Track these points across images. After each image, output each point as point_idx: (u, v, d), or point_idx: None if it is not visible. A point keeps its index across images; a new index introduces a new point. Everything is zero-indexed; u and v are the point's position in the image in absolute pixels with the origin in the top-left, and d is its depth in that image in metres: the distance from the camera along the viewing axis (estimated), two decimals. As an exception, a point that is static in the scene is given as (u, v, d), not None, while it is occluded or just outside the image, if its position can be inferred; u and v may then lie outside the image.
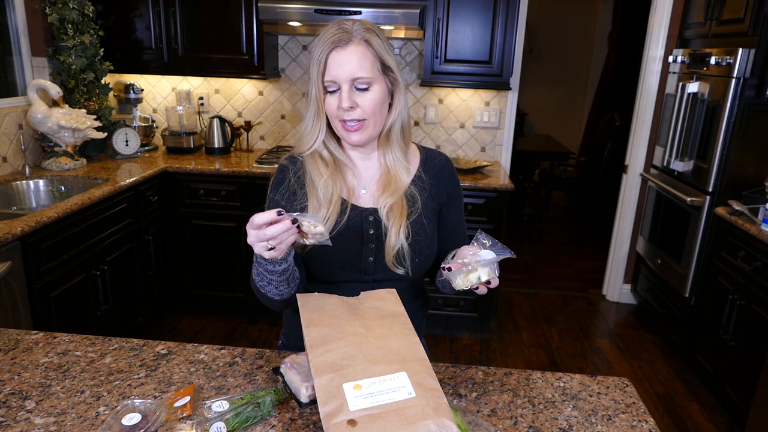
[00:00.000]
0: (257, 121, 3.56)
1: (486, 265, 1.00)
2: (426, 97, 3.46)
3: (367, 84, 1.11)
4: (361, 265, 1.20)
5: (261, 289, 1.12)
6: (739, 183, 2.66)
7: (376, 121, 1.15)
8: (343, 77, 1.10)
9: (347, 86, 1.10)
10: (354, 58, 1.10)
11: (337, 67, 1.10)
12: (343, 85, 1.10)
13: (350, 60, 1.09)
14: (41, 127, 2.71)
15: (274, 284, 1.08)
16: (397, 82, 1.17)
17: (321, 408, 0.83)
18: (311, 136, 1.17)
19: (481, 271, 1.00)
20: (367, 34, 1.12)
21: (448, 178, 1.28)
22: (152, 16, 3.07)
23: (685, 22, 3.21)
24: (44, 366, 1.11)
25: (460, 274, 1.01)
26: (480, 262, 1.00)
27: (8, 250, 1.91)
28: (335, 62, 1.10)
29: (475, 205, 2.94)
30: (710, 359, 2.67)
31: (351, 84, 1.10)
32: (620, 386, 1.12)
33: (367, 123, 1.14)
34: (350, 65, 1.09)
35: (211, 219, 3.06)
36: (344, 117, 1.12)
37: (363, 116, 1.13)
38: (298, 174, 1.22)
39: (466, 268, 1.00)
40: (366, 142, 1.18)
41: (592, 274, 4.16)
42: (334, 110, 1.13)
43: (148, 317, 2.97)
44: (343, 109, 1.11)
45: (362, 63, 1.10)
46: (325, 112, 1.15)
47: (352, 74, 1.10)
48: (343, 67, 1.10)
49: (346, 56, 1.10)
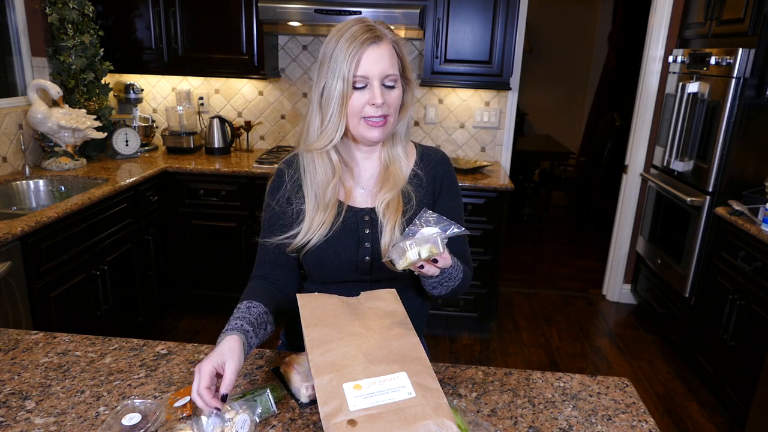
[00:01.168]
0: (257, 121, 3.56)
1: (425, 241, 0.96)
2: (426, 97, 3.46)
3: (394, 82, 1.14)
4: (358, 265, 1.20)
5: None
6: (739, 183, 2.66)
7: (395, 119, 1.18)
8: (376, 73, 1.11)
9: (378, 82, 1.12)
10: (387, 55, 1.12)
11: (372, 64, 1.11)
12: (374, 81, 1.12)
13: (383, 57, 1.11)
14: (41, 127, 2.71)
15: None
16: (410, 84, 1.20)
17: (321, 408, 0.83)
18: (331, 133, 1.15)
19: (420, 248, 0.96)
20: (395, 35, 1.16)
21: (443, 172, 1.28)
22: (152, 16, 3.07)
23: (685, 22, 3.21)
24: (44, 366, 1.11)
25: (397, 253, 0.97)
26: (417, 239, 0.96)
27: (8, 250, 1.91)
28: (370, 58, 1.11)
29: (475, 205, 2.94)
30: (710, 359, 2.67)
31: (381, 81, 1.12)
32: (620, 386, 1.12)
33: (389, 120, 1.16)
34: (384, 62, 1.11)
35: (211, 219, 3.05)
36: (372, 113, 1.13)
37: (387, 112, 1.15)
38: (294, 177, 1.22)
39: (402, 245, 0.96)
40: (382, 140, 1.20)
41: (592, 274, 4.16)
42: (360, 106, 1.13)
43: (148, 317, 2.97)
44: (375, 105, 1.12)
45: (393, 61, 1.13)
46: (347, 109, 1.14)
47: (384, 71, 1.12)
48: (377, 63, 1.11)
49: (380, 53, 1.11)
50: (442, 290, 1.17)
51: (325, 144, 1.16)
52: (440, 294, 1.19)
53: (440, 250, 0.97)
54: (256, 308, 1.08)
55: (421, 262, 0.98)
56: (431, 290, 1.18)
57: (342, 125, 1.15)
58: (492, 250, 3.01)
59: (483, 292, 3.09)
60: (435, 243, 0.97)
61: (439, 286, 1.15)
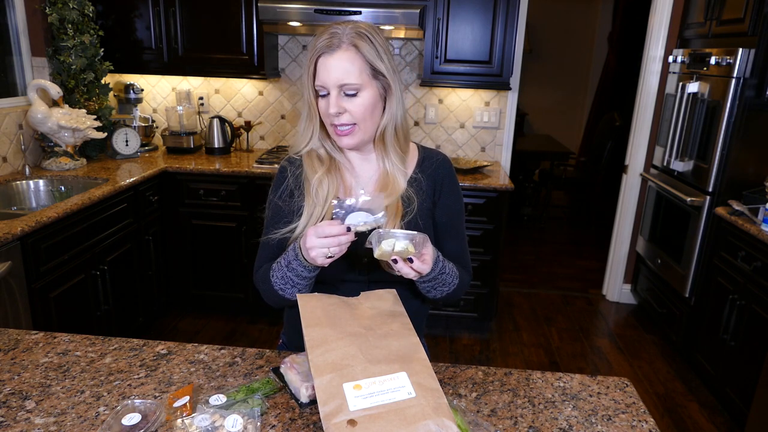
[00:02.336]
0: (257, 121, 3.56)
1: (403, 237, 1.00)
2: (426, 97, 3.46)
3: (355, 90, 1.11)
4: (356, 265, 1.21)
5: (279, 291, 1.14)
6: (739, 183, 2.66)
7: (366, 125, 1.16)
8: (331, 83, 1.11)
9: (335, 92, 1.11)
10: (341, 64, 1.10)
11: (325, 73, 1.11)
12: (332, 90, 1.11)
13: (337, 66, 1.10)
14: (41, 127, 2.71)
15: (298, 287, 1.12)
16: (390, 87, 1.16)
17: (321, 408, 0.83)
18: (305, 137, 1.21)
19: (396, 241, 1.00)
20: (357, 39, 1.10)
21: (444, 175, 1.27)
22: (152, 16, 3.07)
23: (685, 22, 3.20)
24: (44, 366, 1.11)
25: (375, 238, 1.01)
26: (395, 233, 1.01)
27: (8, 250, 1.91)
28: (323, 68, 1.11)
29: (475, 205, 2.94)
30: (710, 359, 2.67)
31: (339, 90, 1.11)
32: (620, 386, 1.12)
33: (357, 128, 1.15)
34: (337, 72, 1.10)
35: (211, 219, 3.05)
36: (334, 122, 1.14)
37: (352, 121, 1.14)
38: (296, 174, 1.23)
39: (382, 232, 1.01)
40: (358, 146, 1.20)
41: (592, 274, 4.16)
42: (325, 114, 1.15)
43: (148, 317, 2.97)
44: (331, 114, 1.13)
45: (349, 69, 1.10)
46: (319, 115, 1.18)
47: (339, 80, 1.10)
48: (330, 73, 1.10)
49: (334, 62, 1.10)
50: (436, 294, 1.18)
51: (300, 148, 1.22)
52: (435, 297, 1.20)
53: (417, 251, 1.01)
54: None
55: (395, 256, 1.01)
56: (425, 293, 1.19)
57: (315, 130, 1.19)
58: (492, 250, 3.01)
59: (483, 292, 3.09)
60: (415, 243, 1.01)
61: (433, 290, 1.16)
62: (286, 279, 1.11)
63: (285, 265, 1.10)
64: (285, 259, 1.11)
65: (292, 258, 1.08)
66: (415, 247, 1.01)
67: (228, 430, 0.90)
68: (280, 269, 1.12)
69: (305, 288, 1.12)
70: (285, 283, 1.12)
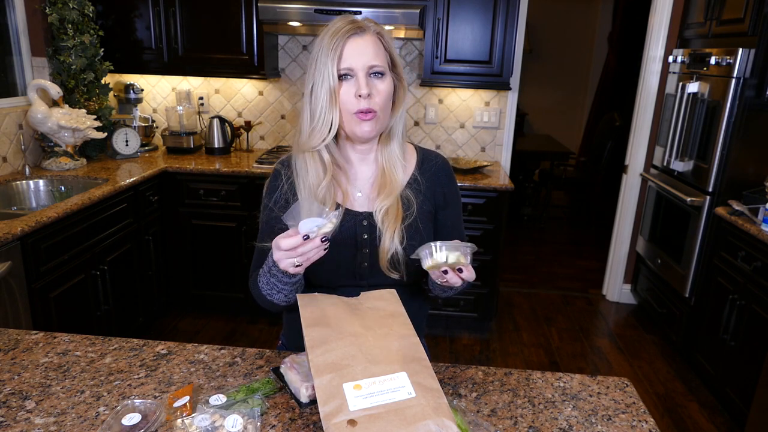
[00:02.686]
0: (257, 121, 3.56)
1: (454, 248, 1.00)
2: (426, 97, 3.46)
3: (381, 72, 1.12)
4: (356, 270, 1.20)
5: (267, 296, 1.13)
6: (739, 183, 2.66)
7: (384, 114, 1.15)
8: (360, 64, 1.10)
9: (363, 73, 1.10)
10: (371, 45, 1.11)
11: (355, 55, 1.10)
12: (359, 72, 1.10)
13: (367, 48, 1.10)
14: (41, 127, 2.71)
15: (284, 292, 1.10)
16: (402, 80, 1.18)
17: (321, 408, 0.83)
18: (322, 131, 1.12)
19: (449, 254, 1.00)
20: (379, 28, 1.14)
21: (445, 180, 1.27)
22: (152, 16, 3.07)
23: (685, 22, 3.20)
24: (44, 366, 1.11)
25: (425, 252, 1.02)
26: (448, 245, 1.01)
27: (8, 250, 1.91)
28: (352, 49, 1.10)
29: (475, 205, 2.94)
30: (710, 359, 2.67)
31: (366, 72, 1.11)
32: (620, 386, 1.12)
33: (378, 115, 1.13)
34: (368, 53, 1.10)
35: (211, 219, 3.05)
36: (360, 106, 1.10)
37: (375, 107, 1.12)
38: (291, 179, 1.20)
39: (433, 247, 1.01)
40: (375, 136, 1.18)
41: (592, 274, 4.16)
42: (348, 99, 1.11)
43: (148, 317, 2.97)
44: (360, 97, 1.10)
45: (377, 52, 1.12)
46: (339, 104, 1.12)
47: (368, 62, 1.10)
48: (361, 54, 1.10)
49: (363, 44, 1.10)
50: (450, 292, 1.19)
51: (317, 143, 1.13)
52: (446, 296, 1.21)
53: (467, 262, 1.01)
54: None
55: (446, 267, 1.01)
56: (440, 293, 1.20)
57: (334, 121, 1.12)
58: (492, 250, 3.01)
59: (483, 292, 3.09)
60: (464, 253, 1.01)
61: (450, 289, 1.17)
62: (270, 284, 1.09)
63: (267, 270, 1.08)
64: (267, 265, 1.09)
65: (272, 264, 1.06)
66: (466, 257, 1.01)
67: (228, 430, 0.90)
68: (264, 275, 1.10)
69: (291, 292, 1.10)
70: (271, 288, 1.10)
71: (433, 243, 1.01)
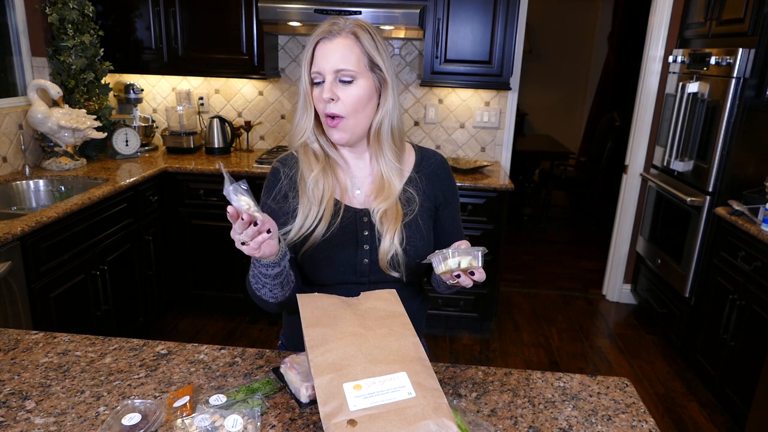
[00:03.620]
0: (257, 121, 3.56)
1: (466, 253, 1.02)
2: (426, 97, 3.46)
3: (350, 77, 1.11)
4: (357, 267, 1.20)
5: (257, 291, 1.14)
6: (739, 183, 2.66)
7: (358, 119, 1.14)
8: (327, 68, 1.10)
9: (330, 77, 1.11)
10: (339, 49, 1.10)
11: (322, 59, 1.11)
12: (327, 76, 1.11)
13: (335, 52, 1.10)
14: (41, 127, 2.71)
15: (268, 287, 1.10)
16: (386, 81, 1.16)
17: (321, 408, 0.83)
18: (300, 129, 1.18)
19: (461, 259, 1.02)
20: (357, 28, 1.12)
21: (444, 179, 1.28)
22: (152, 16, 3.07)
23: (685, 22, 3.21)
24: (44, 366, 1.11)
25: (438, 259, 1.03)
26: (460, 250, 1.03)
27: (8, 250, 1.91)
28: (321, 53, 1.11)
29: (475, 205, 2.94)
30: (710, 359, 2.67)
31: (335, 76, 1.11)
32: (620, 386, 1.12)
33: (346, 121, 1.13)
34: (334, 57, 1.10)
35: (211, 219, 3.05)
36: (326, 110, 1.13)
37: (343, 112, 1.12)
38: (290, 176, 1.22)
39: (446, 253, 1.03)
40: (349, 141, 1.18)
41: (592, 274, 4.16)
42: (319, 102, 1.13)
43: (148, 317, 2.97)
44: (324, 101, 1.11)
45: (347, 56, 1.10)
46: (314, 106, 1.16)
47: (335, 66, 1.10)
48: (327, 58, 1.10)
49: (332, 48, 1.10)
50: (454, 290, 1.20)
51: (298, 139, 1.18)
52: (450, 293, 1.22)
53: (478, 264, 1.03)
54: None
55: (459, 271, 1.03)
56: (443, 290, 1.20)
57: (309, 120, 1.16)
58: (492, 250, 3.01)
59: (483, 292, 3.09)
60: (475, 257, 1.03)
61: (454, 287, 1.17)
62: (256, 277, 1.10)
63: (252, 261, 1.09)
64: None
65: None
66: (478, 260, 1.03)
67: (228, 430, 0.90)
68: (251, 267, 1.11)
69: (275, 288, 1.10)
70: (257, 282, 1.11)
71: (445, 249, 1.03)
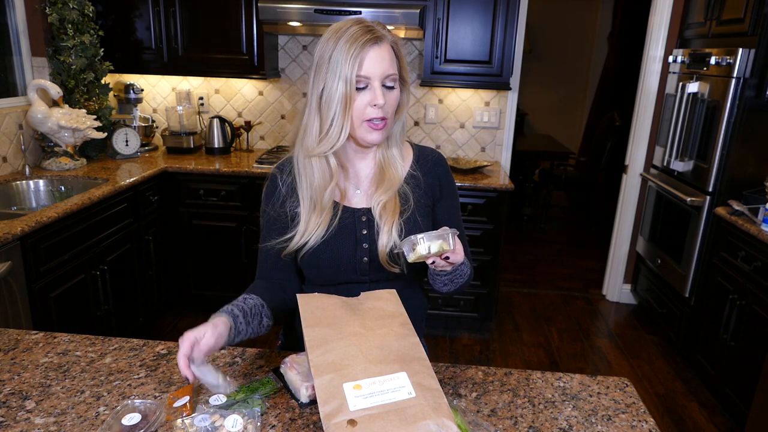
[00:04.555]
0: (257, 121, 3.56)
1: (436, 237, 1.00)
2: (426, 97, 3.46)
3: (394, 82, 1.14)
4: (357, 266, 1.20)
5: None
6: (739, 183, 2.66)
7: (392, 121, 1.18)
8: (378, 74, 1.10)
9: (378, 83, 1.11)
10: (387, 56, 1.12)
11: (374, 64, 1.10)
12: (375, 82, 1.11)
13: (384, 58, 1.11)
14: (41, 127, 2.71)
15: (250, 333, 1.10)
16: (407, 84, 1.19)
17: (321, 408, 0.83)
18: (334, 136, 1.12)
19: (431, 244, 1.00)
20: (394, 37, 1.15)
21: (441, 174, 1.28)
22: (152, 16, 3.07)
23: (685, 22, 3.21)
24: (44, 366, 1.11)
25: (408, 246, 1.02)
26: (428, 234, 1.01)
27: (8, 250, 1.91)
28: (372, 59, 1.10)
29: (475, 205, 2.94)
30: (710, 359, 2.67)
31: (381, 81, 1.11)
32: (620, 386, 1.12)
33: (388, 122, 1.15)
34: (385, 63, 1.11)
35: (211, 219, 3.05)
36: (373, 115, 1.11)
37: (387, 115, 1.14)
38: (288, 182, 1.22)
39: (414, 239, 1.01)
40: (382, 141, 1.19)
41: (592, 274, 4.16)
42: (363, 108, 1.11)
43: (148, 317, 2.97)
44: (377, 106, 1.11)
45: (392, 62, 1.13)
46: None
47: (385, 71, 1.11)
48: (379, 63, 1.10)
49: (381, 54, 1.11)
50: (451, 287, 1.18)
51: (327, 149, 1.14)
52: (449, 290, 1.19)
53: (450, 247, 1.01)
54: (252, 300, 1.11)
55: (432, 257, 1.02)
56: (441, 287, 1.18)
57: (346, 128, 1.12)
58: (492, 250, 3.01)
59: (483, 292, 3.09)
60: (446, 240, 1.01)
61: (450, 283, 1.16)
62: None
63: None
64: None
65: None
66: (449, 243, 1.02)
67: (228, 430, 0.90)
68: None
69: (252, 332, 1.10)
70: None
71: (413, 236, 1.01)
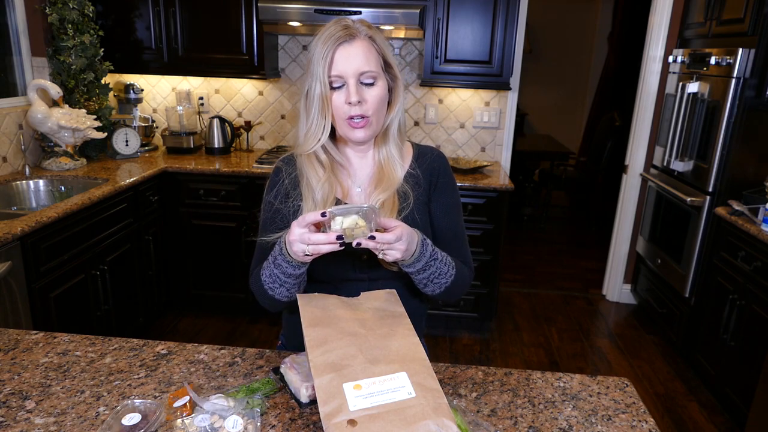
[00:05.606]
0: (257, 121, 3.56)
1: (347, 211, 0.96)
2: (426, 97, 3.46)
3: (372, 78, 1.13)
4: (355, 263, 1.20)
5: (269, 291, 1.13)
6: (739, 183, 2.66)
7: (378, 118, 1.16)
8: (350, 72, 1.10)
9: (353, 81, 1.11)
10: (361, 52, 1.11)
11: (344, 62, 1.10)
12: (350, 79, 1.11)
13: (357, 55, 1.11)
14: (41, 127, 2.71)
15: (286, 286, 1.10)
16: (397, 80, 1.19)
17: (321, 408, 0.83)
18: (315, 135, 1.15)
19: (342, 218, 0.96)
20: (371, 31, 1.14)
21: (439, 170, 1.27)
22: (152, 16, 3.07)
23: (685, 22, 3.21)
24: (44, 366, 1.11)
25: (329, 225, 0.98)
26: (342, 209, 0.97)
27: (8, 250, 1.91)
28: (342, 57, 1.10)
29: (475, 205, 2.94)
30: (710, 359, 2.67)
31: (357, 79, 1.11)
32: (620, 386, 1.12)
33: (370, 120, 1.14)
34: (357, 60, 1.10)
35: (211, 219, 3.05)
36: (351, 113, 1.12)
37: (367, 112, 1.13)
38: (292, 175, 1.22)
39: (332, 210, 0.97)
40: (369, 140, 1.19)
41: (592, 274, 4.16)
42: (340, 106, 1.13)
43: (148, 317, 2.97)
44: (350, 104, 1.11)
45: (368, 58, 1.12)
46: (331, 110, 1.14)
47: (359, 69, 1.11)
48: (350, 61, 1.10)
49: (353, 51, 1.11)
50: (435, 288, 1.16)
51: (310, 146, 1.16)
52: (435, 292, 1.18)
53: (366, 224, 0.96)
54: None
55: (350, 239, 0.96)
56: (423, 288, 1.17)
57: (325, 127, 1.15)
58: (492, 250, 3.01)
59: (483, 292, 3.09)
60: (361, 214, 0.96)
61: (430, 282, 1.14)
62: (274, 276, 1.10)
63: (272, 261, 1.09)
64: (272, 256, 1.10)
65: (278, 253, 1.07)
66: (366, 220, 0.97)
67: (228, 430, 0.90)
68: (268, 266, 1.11)
69: (293, 287, 1.10)
70: (273, 281, 1.10)
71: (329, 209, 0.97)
